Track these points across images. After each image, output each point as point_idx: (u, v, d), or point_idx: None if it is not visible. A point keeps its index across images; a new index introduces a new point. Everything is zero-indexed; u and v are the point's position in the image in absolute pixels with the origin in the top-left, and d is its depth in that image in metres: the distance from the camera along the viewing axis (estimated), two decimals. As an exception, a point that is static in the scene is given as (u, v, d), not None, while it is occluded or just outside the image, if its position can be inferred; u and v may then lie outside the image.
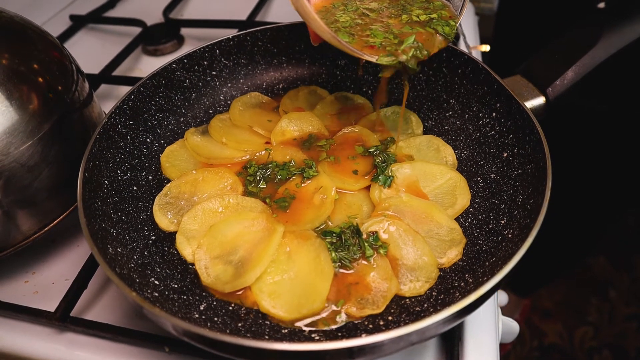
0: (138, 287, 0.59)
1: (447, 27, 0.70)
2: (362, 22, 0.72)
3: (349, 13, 0.74)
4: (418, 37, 0.69)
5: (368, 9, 0.75)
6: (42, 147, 0.70)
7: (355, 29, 0.71)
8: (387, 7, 0.75)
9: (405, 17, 0.72)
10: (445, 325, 0.53)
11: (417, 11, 0.73)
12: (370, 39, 0.70)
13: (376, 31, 0.71)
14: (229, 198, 0.73)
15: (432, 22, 0.70)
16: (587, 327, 2.06)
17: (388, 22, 0.72)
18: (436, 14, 0.72)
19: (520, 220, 0.65)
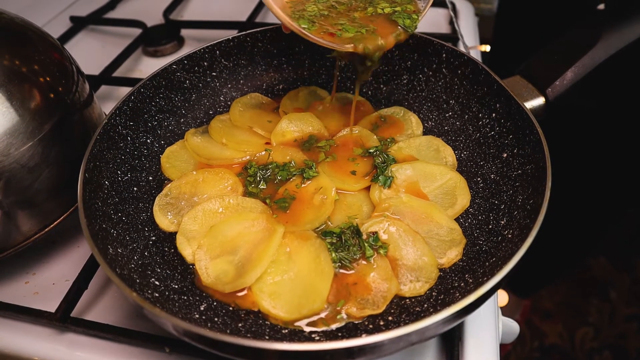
0: (138, 287, 0.60)
1: (408, 19, 0.72)
2: (329, 13, 0.75)
3: (318, 4, 0.77)
4: (379, 30, 0.72)
5: (337, 2, 0.77)
6: (42, 148, 0.70)
7: (319, 19, 0.73)
8: (356, 1, 0.78)
9: (370, 9, 0.75)
10: (445, 325, 0.53)
11: (383, 4, 0.75)
12: (330, 28, 0.72)
13: (347, 26, 0.73)
14: (229, 199, 0.73)
15: (394, 15, 0.73)
16: (588, 328, 2.06)
17: (354, 16, 0.75)
18: (400, 7, 0.74)
19: (520, 221, 0.65)
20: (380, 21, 0.74)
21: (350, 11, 0.76)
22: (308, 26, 0.72)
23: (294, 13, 0.75)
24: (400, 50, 0.92)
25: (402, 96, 0.93)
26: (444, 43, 0.85)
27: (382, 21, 0.73)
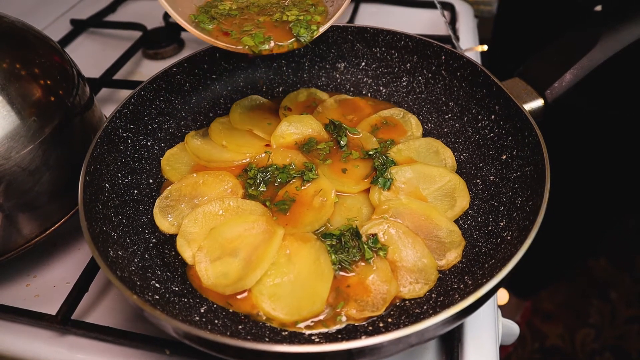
0: (139, 290, 0.60)
1: (304, 29, 0.72)
2: (238, 14, 0.76)
3: (233, 3, 0.78)
4: (275, 35, 0.73)
5: (252, 4, 0.79)
6: (43, 151, 0.70)
7: (223, 18, 0.75)
8: (271, 5, 0.78)
9: (277, 15, 0.76)
10: (444, 327, 0.53)
11: (293, 12, 0.76)
12: (227, 27, 0.74)
13: (247, 27, 0.74)
14: (229, 201, 0.74)
15: (293, 23, 0.74)
16: (589, 329, 2.06)
17: (258, 20, 0.75)
18: (307, 17, 0.75)
19: (519, 222, 0.65)
20: (282, 28, 0.74)
21: (260, 15, 0.77)
22: (206, 22, 0.73)
23: (204, 7, 0.77)
24: (400, 52, 0.92)
25: (401, 98, 0.93)
26: (443, 45, 0.86)
27: (283, 28, 0.74)
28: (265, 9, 0.78)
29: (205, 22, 0.74)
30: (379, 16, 1.33)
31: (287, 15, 0.75)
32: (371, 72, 0.96)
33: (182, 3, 0.76)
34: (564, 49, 0.77)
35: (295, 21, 0.74)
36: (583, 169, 1.45)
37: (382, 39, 0.93)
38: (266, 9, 0.78)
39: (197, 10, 0.77)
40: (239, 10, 0.77)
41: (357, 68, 0.97)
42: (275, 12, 0.76)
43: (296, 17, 0.74)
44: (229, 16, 0.76)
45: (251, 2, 0.79)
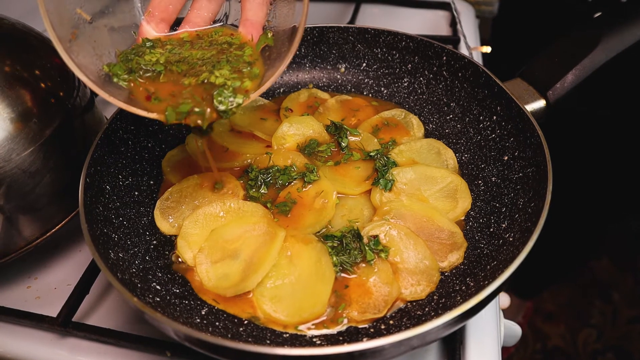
0: (139, 292, 0.60)
1: (222, 103, 0.60)
2: (162, 70, 0.65)
3: (161, 56, 0.66)
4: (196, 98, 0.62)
5: (182, 60, 0.66)
6: (43, 153, 0.70)
7: (142, 72, 0.64)
8: (202, 61, 0.66)
9: (204, 75, 0.63)
10: (446, 329, 0.53)
11: (222, 72, 0.63)
12: (149, 88, 0.63)
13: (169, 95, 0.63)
14: (230, 202, 0.73)
15: (217, 90, 0.61)
16: (591, 330, 2.05)
17: (184, 82, 0.63)
18: (232, 81, 0.62)
19: (521, 224, 0.65)
20: (206, 90, 0.62)
21: (187, 75, 0.64)
22: (121, 76, 0.63)
23: (127, 53, 0.66)
24: (401, 53, 0.92)
25: (402, 99, 0.93)
26: (444, 46, 0.85)
27: (207, 91, 0.62)
28: (194, 68, 0.65)
29: (121, 75, 0.64)
30: (380, 17, 1.33)
31: (216, 76, 0.62)
32: (372, 72, 0.96)
33: (97, 49, 0.65)
34: (566, 50, 0.76)
35: (221, 86, 0.61)
36: (585, 170, 1.44)
37: (383, 40, 0.92)
38: (196, 67, 0.65)
39: (116, 57, 0.66)
40: (166, 64, 0.65)
41: (358, 69, 0.96)
42: (204, 71, 0.64)
43: (224, 81, 0.62)
44: (151, 72, 0.64)
45: (183, 56, 0.67)
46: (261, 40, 0.69)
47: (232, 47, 0.69)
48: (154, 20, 0.70)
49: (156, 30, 0.70)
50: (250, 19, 0.69)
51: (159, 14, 0.69)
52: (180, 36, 0.71)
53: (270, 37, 0.69)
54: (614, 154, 1.40)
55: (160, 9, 0.69)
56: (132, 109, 0.59)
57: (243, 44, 0.69)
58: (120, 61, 0.66)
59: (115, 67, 0.65)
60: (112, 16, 0.69)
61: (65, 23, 0.61)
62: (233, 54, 0.67)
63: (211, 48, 0.69)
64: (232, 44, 0.69)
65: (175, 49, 0.68)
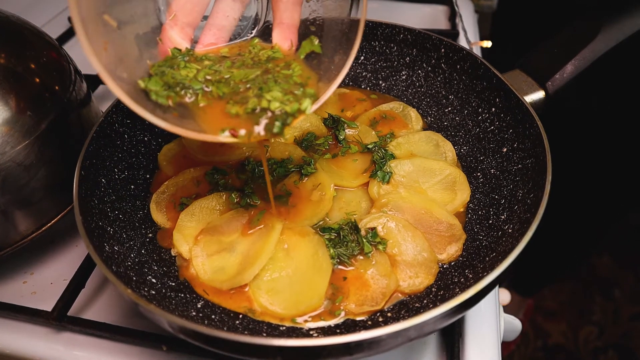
0: (135, 285, 0.59)
1: (279, 124, 0.54)
2: (200, 88, 0.57)
3: (201, 71, 0.59)
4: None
5: (224, 82, 0.59)
6: (38, 146, 0.70)
7: (180, 90, 0.57)
8: (246, 84, 0.58)
9: (253, 102, 0.55)
10: (444, 320, 0.52)
11: (275, 93, 0.56)
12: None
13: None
14: (226, 195, 0.73)
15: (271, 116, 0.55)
16: (592, 327, 2.04)
17: (229, 110, 0.56)
18: (289, 105, 0.55)
19: (520, 215, 0.64)
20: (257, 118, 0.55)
21: (230, 101, 0.57)
22: (161, 93, 0.55)
23: (160, 65, 0.58)
24: (399, 45, 0.91)
25: (401, 92, 0.93)
26: (442, 38, 0.85)
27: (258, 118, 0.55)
28: (237, 92, 0.57)
29: (159, 91, 0.55)
30: (379, 11, 1.32)
31: (268, 100, 0.55)
32: (370, 65, 0.95)
33: (127, 61, 0.57)
34: (565, 41, 0.76)
35: (276, 113, 0.55)
36: (586, 164, 1.43)
37: (381, 33, 0.92)
38: (238, 91, 0.57)
39: (150, 69, 0.58)
40: (204, 82, 0.58)
41: (356, 62, 0.96)
42: (249, 97, 0.56)
43: (280, 105, 0.55)
44: (189, 89, 0.57)
45: (223, 76, 0.59)
46: (304, 48, 0.62)
47: (278, 66, 0.61)
48: (179, 25, 0.61)
49: (181, 36, 0.62)
50: (285, 21, 0.62)
51: (184, 17, 0.61)
52: (220, 51, 0.64)
53: (317, 44, 0.62)
54: (614, 149, 1.39)
55: (185, 12, 0.61)
56: (194, 134, 0.52)
57: (289, 62, 0.61)
58: (155, 74, 0.58)
59: (150, 82, 0.56)
60: (135, 22, 0.61)
61: (98, 32, 0.54)
62: (281, 75, 0.59)
63: (254, 67, 0.60)
64: (275, 61, 0.62)
65: (214, 65, 0.60)
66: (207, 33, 0.65)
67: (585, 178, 1.46)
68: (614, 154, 1.36)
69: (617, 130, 1.28)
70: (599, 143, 1.33)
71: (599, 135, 1.31)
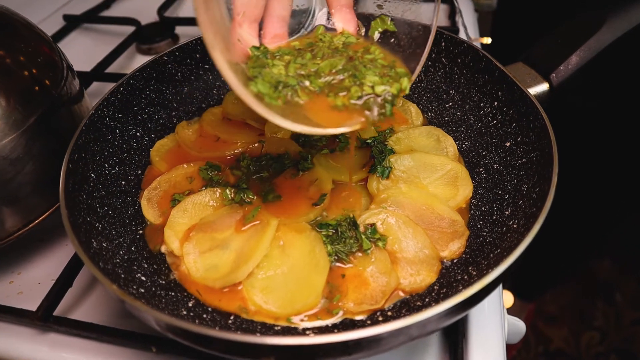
0: (123, 282, 0.56)
1: (383, 107, 0.56)
2: (296, 84, 0.57)
3: (289, 65, 0.59)
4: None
5: (314, 76, 0.58)
6: (26, 140, 0.67)
7: (284, 89, 0.56)
8: (335, 74, 0.58)
9: (355, 90, 0.56)
10: (447, 318, 0.49)
11: (372, 77, 0.57)
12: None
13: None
14: (219, 190, 0.70)
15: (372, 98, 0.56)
16: (594, 332, 2.02)
17: (335, 103, 0.56)
18: (389, 86, 0.57)
19: (525, 210, 0.61)
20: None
21: (329, 93, 0.57)
22: (272, 96, 0.54)
23: (254, 70, 0.57)
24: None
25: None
26: (442, 31, 0.83)
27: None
28: (330, 83, 0.57)
29: (271, 94, 0.54)
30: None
31: (370, 87, 0.56)
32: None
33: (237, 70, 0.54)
34: (570, 32, 0.73)
35: (380, 95, 0.56)
36: (587, 164, 1.41)
37: (380, 27, 0.89)
38: (332, 82, 0.58)
39: (248, 72, 0.57)
40: (296, 78, 0.57)
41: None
42: (348, 85, 0.57)
43: (385, 88, 0.56)
44: (289, 88, 0.56)
45: (311, 69, 0.58)
46: (375, 27, 0.63)
47: (358, 52, 0.61)
48: (247, 22, 0.60)
49: (250, 32, 0.60)
50: (342, 2, 0.63)
51: (250, 13, 0.60)
52: (292, 44, 0.63)
53: (390, 23, 0.62)
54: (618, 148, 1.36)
55: (251, 7, 0.59)
56: (319, 131, 0.53)
57: (367, 47, 0.62)
58: (254, 77, 0.56)
59: (260, 86, 0.54)
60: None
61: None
62: (366, 59, 0.60)
63: (335, 56, 0.60)
64: (352, 46, 0.62)
65: (297, 59, 0.59)
66: (269, 24, 0.62)
67: (587, 178, 1.44)
68: (618, 153, 1.34)
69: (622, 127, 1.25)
70: (603, 141, 1.31)
71: (603, 132, 1.28)
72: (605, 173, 1.45)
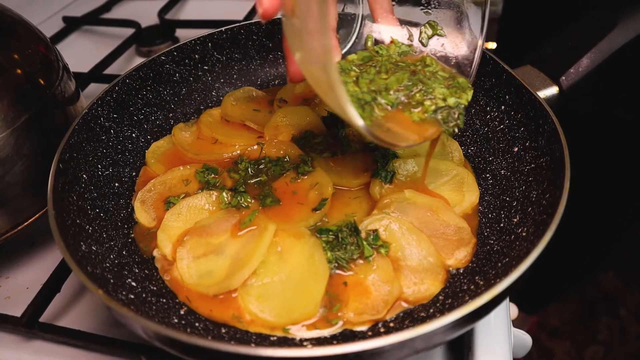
0: (112, 288, 0.53)
1: (452, 122, 0.59)
2: (370, 100, 0.59)
3: (359, 84, 0.60)
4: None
5: (384, 91, 0.60)
6: (15, 138, 0.66)
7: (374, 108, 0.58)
8: (404, 89, 0.61)
9: (429, 105, 0.59)
10: (454, 330, 0.47)
11: (443, 91, 0.60)
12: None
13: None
14: (216, 194, 0.68)
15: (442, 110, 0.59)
16: (598, 347, 1.97)
17: (412, 117, 0.59)
18: (460, 98, 0.60)
19: (535, 217, 0.59)
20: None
21: (404, 108, 0.60)
22: (365, 115, 0.56)
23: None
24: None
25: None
26: (448, 33, 0.80)
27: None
28: (398, 99, 0.60)
29: (362, 114, 0.56)
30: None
31: (442, 100, 0.59)
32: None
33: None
34: (580, 33, 0.71)
35: (454, 107, 0.60)
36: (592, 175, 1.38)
37: (384, 29, 0.87)
38: (399, 97, 0.60)
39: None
40: (370, 94, 0.59)
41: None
42: (420, 99, 0.60)
43: (456, 101, 0.59)
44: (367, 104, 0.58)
45: (379, 85, 0.61)
46: (425, 32, 0.65)
47: (417, 64, 0.64)
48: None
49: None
50: (385, 7, 0.64)
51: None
52: (350, 58, 0.65)
53: (440, 29, 0.65)
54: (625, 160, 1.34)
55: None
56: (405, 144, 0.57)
57: (424, 58, 0.65)
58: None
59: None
60: None
61: None
62: (427, 72, 0.63)
63: (398, 71, 0.62)
64: (408, 57, 0.65)
65: (363, 75, 0.62)
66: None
67: (593, 187, 1.41)
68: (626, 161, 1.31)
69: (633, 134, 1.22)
70: (610, 148, 1.28)
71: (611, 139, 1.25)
72: (612, 182, 1.42)
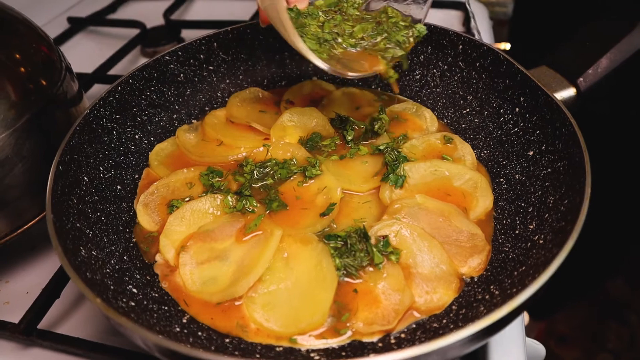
0: (111, 294, 0.51)
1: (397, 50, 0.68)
2: (331, 39, 0.67)
3: (320, 21, 0.68)
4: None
5: (347, 36, 0.68)
6: (15, 139, 0.64)
7: (326, 44, 0.66)
8: (368, 37, 0.69)
9: (392, 53, 0.68)
10: (469, 345, 0.44)
11: (401, 38, 0.69)
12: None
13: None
14: (220, 197, 0.66)
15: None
16: (607, 354, 1.94)
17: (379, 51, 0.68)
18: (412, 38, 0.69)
19: (552, 224, 0.56)
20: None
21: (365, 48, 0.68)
22: (320, 52, 0.64)
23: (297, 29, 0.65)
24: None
25: (414, 93, 0.86)
26: (461, 33, 0.78)
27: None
28: (360, 43, 0.69)
29: (319, 50, 0.64)
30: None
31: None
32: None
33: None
34: (598, 34, 0.68)
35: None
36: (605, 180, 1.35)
37: (394, 29, 0.85)
38: (362, 42, 0.69)
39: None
40: (332, 35, 0.67)
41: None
42: (384, 46, 0.68)
43: (406, 39, 0.69)
44: (327, 42, 0.67)
45: (345, 29, 0.69)
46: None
47: (383, 17, 0.70)
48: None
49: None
50: None
51: None
52: (317, 3, 0.70)
53: None
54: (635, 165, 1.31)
55: None
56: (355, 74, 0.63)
57: (385, 9, 0.70)
58: (301, 35, 0.63)
59: (309, 43, 0.64)
60: None
61: None
62: (390, 22, 0.70)
63: (363, 21, 0.70)
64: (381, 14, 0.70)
65: (329, 20, 0.68)
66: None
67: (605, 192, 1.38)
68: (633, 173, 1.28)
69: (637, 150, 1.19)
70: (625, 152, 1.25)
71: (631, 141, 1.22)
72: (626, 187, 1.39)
